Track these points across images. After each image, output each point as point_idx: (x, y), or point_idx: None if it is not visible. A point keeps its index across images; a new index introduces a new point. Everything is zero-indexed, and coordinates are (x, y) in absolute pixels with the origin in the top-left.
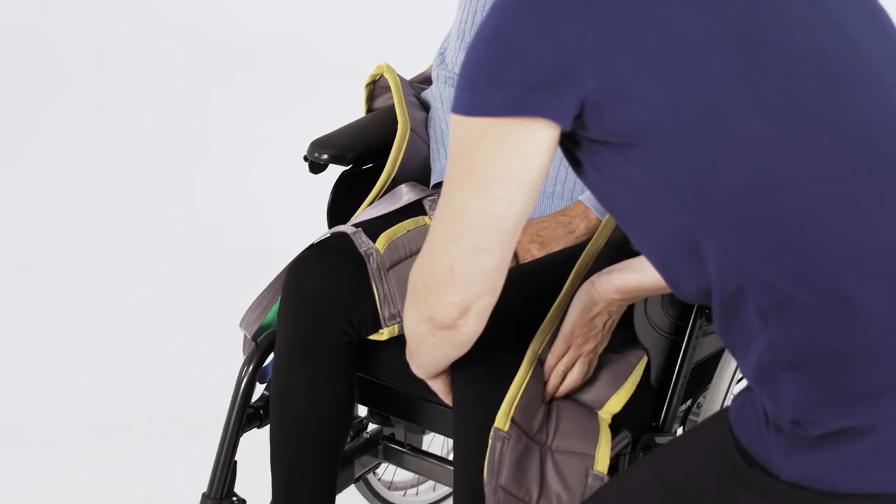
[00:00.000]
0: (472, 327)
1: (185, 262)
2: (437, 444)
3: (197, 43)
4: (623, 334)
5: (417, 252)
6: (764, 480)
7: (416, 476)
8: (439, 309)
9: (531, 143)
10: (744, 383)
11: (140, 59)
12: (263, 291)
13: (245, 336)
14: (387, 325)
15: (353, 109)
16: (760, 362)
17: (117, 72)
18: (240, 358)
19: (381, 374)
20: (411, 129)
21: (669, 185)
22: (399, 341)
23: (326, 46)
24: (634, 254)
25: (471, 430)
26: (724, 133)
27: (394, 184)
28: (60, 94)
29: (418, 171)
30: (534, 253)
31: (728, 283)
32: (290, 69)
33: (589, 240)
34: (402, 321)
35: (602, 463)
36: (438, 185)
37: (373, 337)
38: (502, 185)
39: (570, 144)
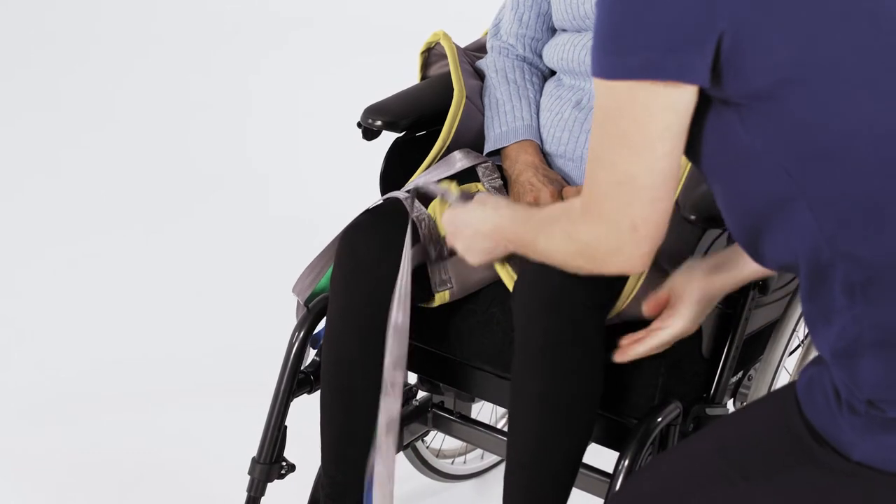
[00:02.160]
0: (644, 269)
1: (237, 229)
2: (486, 412)
3: (246, 6)
4: None
5: None
6: (833, 459)
7: (465, 444)
8: (631, 264)
9: (679, 101)
10: (795, 357)
11: (187, 23)
12: (317, 257)
13: (298, 301)
14: (438, 291)
15: (403, 76)
16: (841, 338)
17: (163, 35)
18: (291, 323)
19: (432, 341)
20: (466, 97)
21: (779, 153)
22: (450, 309)
23: (376, 11)
24: None
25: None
26: (847, 107)
27: (448, 152)
28: (104, 56)
29: (472, 140)
30: None
31: (819, 256)
32: (339, 35)
33: None
34: (452, 287)
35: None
36: (492, 153)
37: (424, 304)
38: (663, 142)
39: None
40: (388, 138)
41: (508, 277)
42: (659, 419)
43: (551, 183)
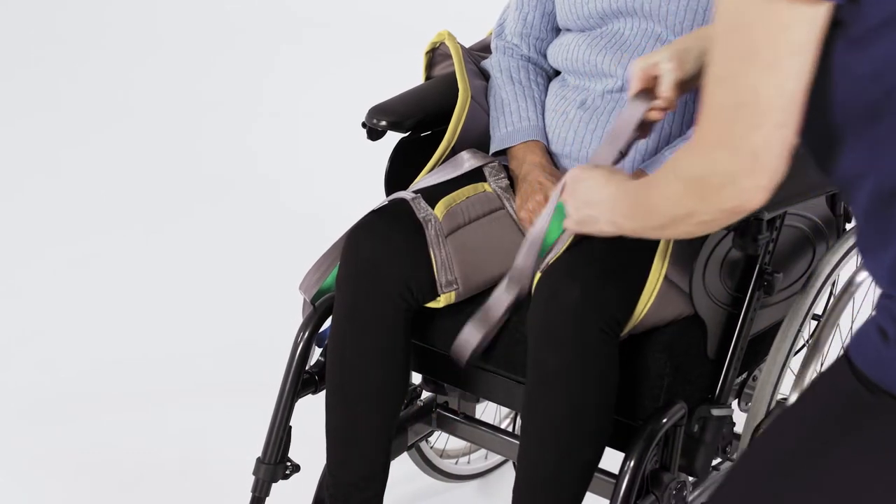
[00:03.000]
0: (765, 202)
1: (242, 229)
2: (490, 412)
3: (251, 6)
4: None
5: (476, 219)
6: (888, 405)
7: (469, 444)
8: (746, 196)
9: (816, 17)
10: (800, 357)
11: (196, 23)
12: (323, 255)
13: (304, 300)
14: (444, 292)
15: (409, 75)
16: None
17: (168, 35)
18: (296, 323)
19: (437, 342)
20: (472, 97)
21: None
22: (455, 309)
23: (382, 11)
24: None
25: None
26: None
27: (453, 152)
28: (110, 56)
29: (478, 140)
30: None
31: (893, 175)
32: (345, 35)
33: None
34: (458, 288)
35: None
36: (498, 153)
37: (429, 304)
38: (793, 59)
39: None
40: (393, 138)
41: None
42: (664, 420)
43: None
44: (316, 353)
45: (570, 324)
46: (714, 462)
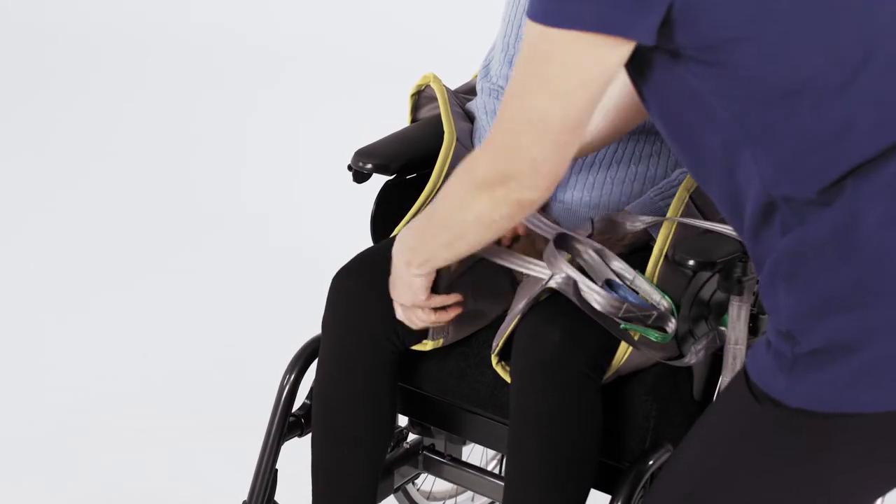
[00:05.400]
0: (544, 199)
1: (228, 267)
2: (476, 454)
3: (236, 48)
4: None
5: (466, 268)
6: (775, 415)
7: (455, 486)
8: (527, 193)
9: (614, 56)
10: None
11: (182, 62)
12: None
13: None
14: (432, 339)
15: (394, 116)
16: (769, 272)
17: (156, 74)
18: (283, 364)
19: (424, 384)
20: (457, 140)
21: (725, 98)
22: (442, 352)
23: (367, 51)
24: None
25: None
26: (792, 57)
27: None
28: (99, 95)
29: None
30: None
31: (761, 197)
32: (331, 73)
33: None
34: (447, 335)
35: None
36: None
37: (416, 347)
38: (585, 92)
39: (633, 63)
40: (379, 178)
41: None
42: (650, 462)
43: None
44: (302, 396)
45: (551, 368)
46: None
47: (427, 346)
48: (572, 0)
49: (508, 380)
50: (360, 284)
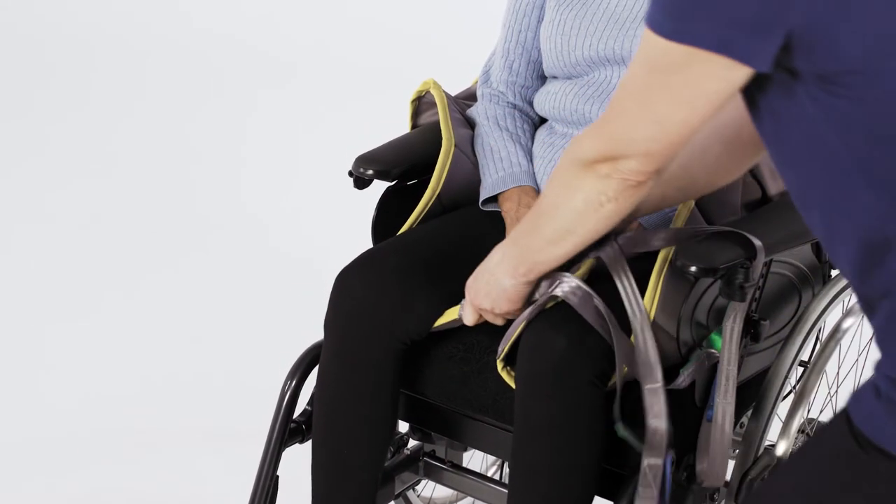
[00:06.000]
0: (649, 183)
1: (229, 273)
2: (477, 460)
3: (238, 54)
4: None
5: None
6: (880, 462)
7: (455, 493)
8: (631, 167)
9: (734, 78)
10: (787, 403)
11: (181, 70)
12: None
13: None
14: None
15: (395, 122)
16: (888, 313)
17: (158, 80)
18: (284, 369)
19: (425, 390)
20: (456, 147)
21: (845, 131)
22: (443, 357)
23: (368, 58)
24: None
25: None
26: None
27: (438, 201)
28: (101, 101)
29: (463, 189)
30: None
31: (873, 232)
32: (331, 79)
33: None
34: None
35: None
36: (488, 199)
37: (441, 321)
38: (706, 104)
39: (753, 85)
40: (380, 183)
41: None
42: None
43: None
44: (303, 402)
45: (557, 375)
46: None
47: (445, 317)
48: (694, 20)
49: (513, 385)
50: (364, 283)
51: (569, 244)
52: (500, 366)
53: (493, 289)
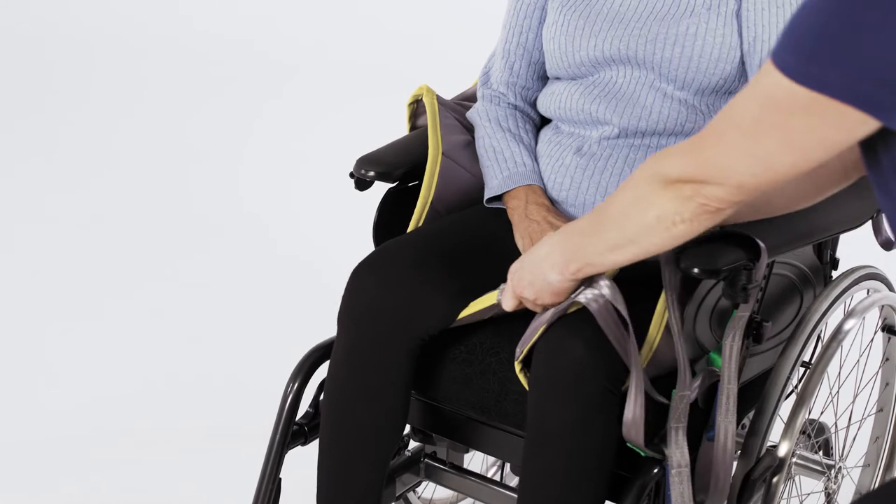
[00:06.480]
0: (730, 212)
1: (229, 277)
2: (477, 461)
3: (240, 57)
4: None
5: None
6: None
7: (456, 494)
8: (713, 194)
9: (858, 129)
10: (790, 404)
11: (183, 72)
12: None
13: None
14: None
15: (397, 124)
16: None
17: (160, 82)
18: (287, 371)
19: (427, 392)
20: (445, 156)
21: None
22: (445, 359)
23: (370, 60)
24: None
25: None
26: None
27: (433, 210)
28: (103, 104)
29: (456, 196)
30: None
31: None
32: (333, 81)
33: None
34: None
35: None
36: (493, 198)
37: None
38: (821, 152)
39: (877, 135)
40: (381, 184)
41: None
42: (655, 470)
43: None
44: (305, 404)
45: (575, 380)
46: None
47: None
48: (827, 64)
49: (527, 387)
50: (379, 281)
51: (629, 253)
52: (517, 367)
53: (537, 280)
